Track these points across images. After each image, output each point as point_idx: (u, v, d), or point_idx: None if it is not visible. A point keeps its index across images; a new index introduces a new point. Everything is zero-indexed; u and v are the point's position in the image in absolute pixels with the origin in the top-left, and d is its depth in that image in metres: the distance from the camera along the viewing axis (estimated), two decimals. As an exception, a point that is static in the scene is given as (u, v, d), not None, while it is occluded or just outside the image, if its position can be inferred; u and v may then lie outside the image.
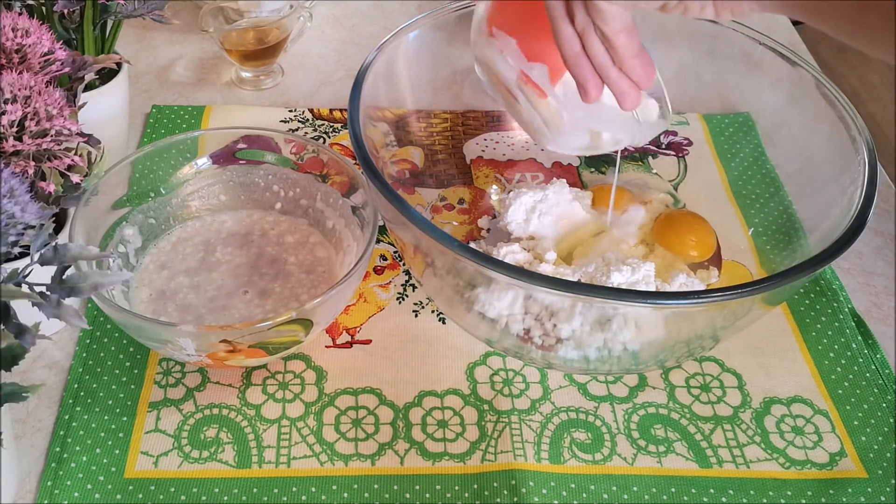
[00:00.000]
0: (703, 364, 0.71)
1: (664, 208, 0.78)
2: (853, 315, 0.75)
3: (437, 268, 0.65)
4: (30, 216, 0.53)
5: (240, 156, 0.76)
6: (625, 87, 0.56)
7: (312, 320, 0.63)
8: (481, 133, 0.85)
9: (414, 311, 0.74)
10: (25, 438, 0.64)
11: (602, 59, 0.55)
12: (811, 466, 0.65)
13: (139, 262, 0.72)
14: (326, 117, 0.92)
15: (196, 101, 0.95)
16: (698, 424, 0.67)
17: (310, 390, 0.68)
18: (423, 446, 0.65)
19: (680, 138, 0.86)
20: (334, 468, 0.63)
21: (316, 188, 0.75)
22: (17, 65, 0.64)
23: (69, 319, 0.51)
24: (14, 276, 0.51)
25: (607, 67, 0.55)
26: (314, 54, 1.03)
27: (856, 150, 0.64)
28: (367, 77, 0.69)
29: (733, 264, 0.74)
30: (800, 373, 0.71)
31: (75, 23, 0.77)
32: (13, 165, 0.59)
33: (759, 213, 0.78)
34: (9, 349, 0.51)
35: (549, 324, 0.63)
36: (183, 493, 0.61)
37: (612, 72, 0.56)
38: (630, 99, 0.57)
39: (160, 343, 0.63)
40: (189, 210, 0.75)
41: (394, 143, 0.78)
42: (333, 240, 0.74)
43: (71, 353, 0.70)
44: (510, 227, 0.74)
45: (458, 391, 0.68)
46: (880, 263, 0.81)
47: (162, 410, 0.66)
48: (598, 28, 0.53)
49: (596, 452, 0.65)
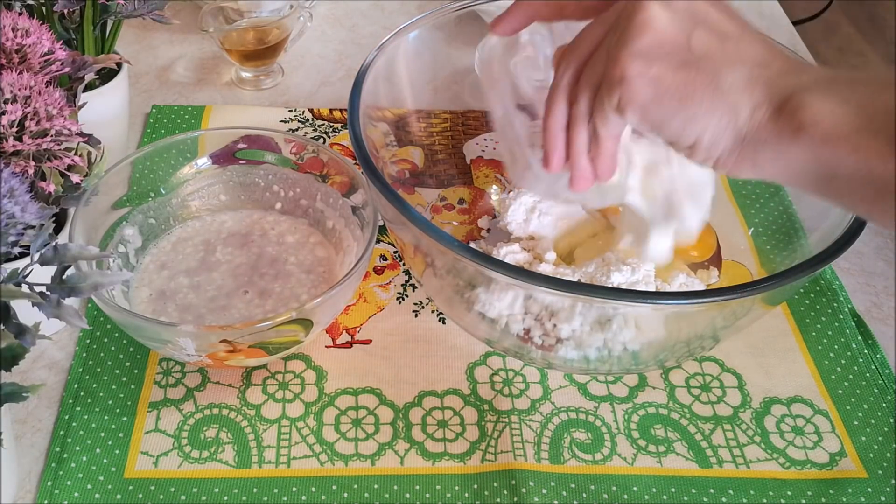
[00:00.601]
0: (703, 364, 0.71)
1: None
2: (853, 315, 0.75)
3: (437, 268, 0.65)
4: (30, 216, 0.53)
5: (240, 156, 0.76)
6: (586, 174, 0.54)
7: (312, 320, 0.63)
8: (481, 133, 0.85)
9: (414, 311, 0.74)
10: (25, 438, 0.64)
11: (580, 147, 0.53)
12: (811, 466, 0.65)
13: (139, 262, 0.72)
14: (326, 117, 0.92)
15: (196, 101, 0.95)
16: (698, 424, 0.67)
17: (310, 390, 0.68)
18: (423, 446, 0.65)
19: (680, 138, 0.86)
20: (334, 468, 0.63)
21: (316, 188, 0.75)
22: (17, 65, 0.64)
23: (69, 319, 0.51)
24: (14, 276, 0.51)
25: (580, 154, 0.53)
26: (314, 54, 1.03)
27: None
28: (367, 77, 0.69)
29: (733, 264, 0.74)
30: (800, 373, 0.71)
31: (75, 23, 0.77)
32: (13, 165, 0.59)
33: (759, 213, 0.78)
34: (9, 349, 0.51)
35: (549, 324, 0.63)
36: (183, 493, 0.61)
37: (581, 159, 0.54)
38: (584, 185, 0.55)
39: (160, 343, 0.63)
40: (189, 210, 0.75)
41: (394, 143, 0.78)
42: (333, 240, 0.74)
43: (71, 353, 0.70)
44: (510, 227, 0.74)
45: (458, 391, 0.68)
46: (880, 263, 0.81)
47: (162, 410, 0.66)
48: (595, 125, 0.52)
49: (596, 452, 0.65)
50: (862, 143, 0.44)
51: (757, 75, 0.47)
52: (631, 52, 0.48)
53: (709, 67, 0.47)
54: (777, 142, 0.47)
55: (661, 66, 0.48)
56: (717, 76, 0.47)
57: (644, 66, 0.48)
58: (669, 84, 0.48)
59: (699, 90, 0.47)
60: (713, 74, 0.47)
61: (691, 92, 0.47)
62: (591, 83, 0.51)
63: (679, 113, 0.48)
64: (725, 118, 0.47)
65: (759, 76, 0.47)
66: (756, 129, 0.47)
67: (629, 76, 0.48)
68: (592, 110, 0.51)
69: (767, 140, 0.47)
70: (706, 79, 0.47)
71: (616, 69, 0.48)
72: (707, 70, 0.47)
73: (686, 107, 0.48)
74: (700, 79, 0.47)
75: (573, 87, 0.52)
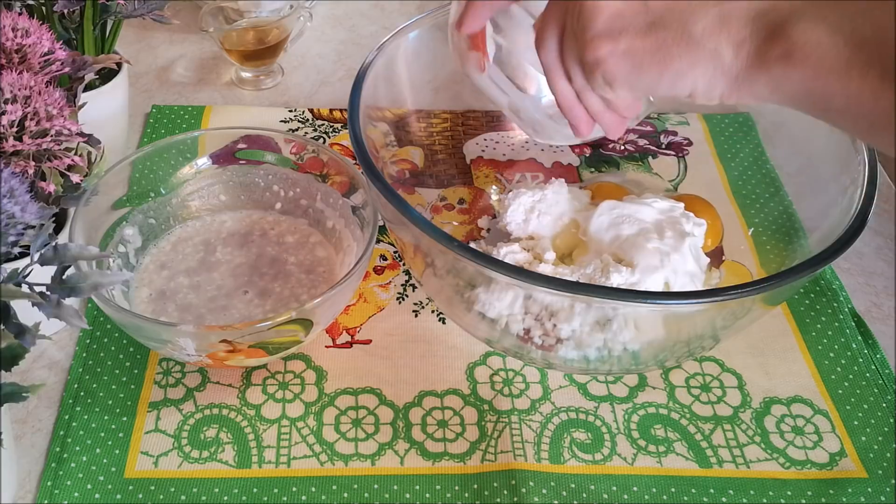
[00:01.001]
0: (703, 364, 0.71)
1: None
2: (853, 315, 0.75)
3: (437, 268, 0.65)
4: (30, 216, 0.53)
5: (240, 156, 0.76)
6: (615, 123, 0.56)
7: (312, 320, 0.63)
8: (481, 133, 0.85)
9: (414, 311, 0.74)
10: (25, 438, 0.64)
11: (598, 108, 0.54)
12: (811, 466, 0.65)
13: (139, 262, 0.72)
14: (326, 117, 0.92)
15: (196, 101, 0.95)
16: (698, 424, 0.67)
17: (310, 390, 0.68)
18: (423, 446, 0.65)
19: (680, 138, 0.86)
20: (334, 468, 0.63)
21: (316, 188, 0.75)
22: (17, 65, 0.64)
23: (69, 319, 0.51)
24: (14, 276, 0.51)
25: (602, 114, 0.54)
26: (314, 54, 1.03)
27: (856, 150, 0.64)
28: (367, 77, 0.69)
29: (733, 264, 0.74)
30: (800, 373, 0.71)
31: (75, 23, 0.77)
32: (13, 165, 0.59)
33: (759, 213, 0.78)
34: (9, 349, 0.51)
35: (549, 324, 0.63)
36: (183, 493, 0.61)
37: (605, 116, 0.55)
38: (618, 130, 0.57)
39: (160, 343, 0.63)
40: (189, 210, 0.75)
41: (394, 143, 0.78)
42: (333, 240, 0.74)
43: (71, 353, 0.70)
44: (509, 227, 0.74)
45: (458, 391, 0.68)
46: (880, 263, 0.81)
47: (162, 410, 0.66)
48: (599, 95, 0.52)
49: (596, 452, 0.65)
50: (854, 77, 0.43)
51: (727, 11, 0.46)
52: (594, 34, 0.48)
53: (674, 21, 0.46)
54: (769, 75, 0.45)
55: (628, 37, 0.47)
56: (686, 27, 0.46)
57: (611, 44, 0.48)
58: (642, 51, 0.47)
59: (673, 47, 0.47)
60: (681, 27, 0.46)
61: (666, 52, 0.47)
62: (575, 61, 0.51)
63: (664, 74, 0.47)
64: (710, 65, 0.46)
65: (729, 12, 0.46)
66: (746, 67, 0.46)
67: (601, 56, 0.48)
68: (589, 83, 0.51)
69: (759, 74, 0.46)
70: (676, 34, 0.46)
71: (588, 53, 0.49)
72: (673, 25, 0.46)
73: (668, 67, 0.47)
74: (670, 35, 0.46)
75: (562, 64, 0.52)
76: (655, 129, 0.87)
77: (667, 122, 0.87)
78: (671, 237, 0.68)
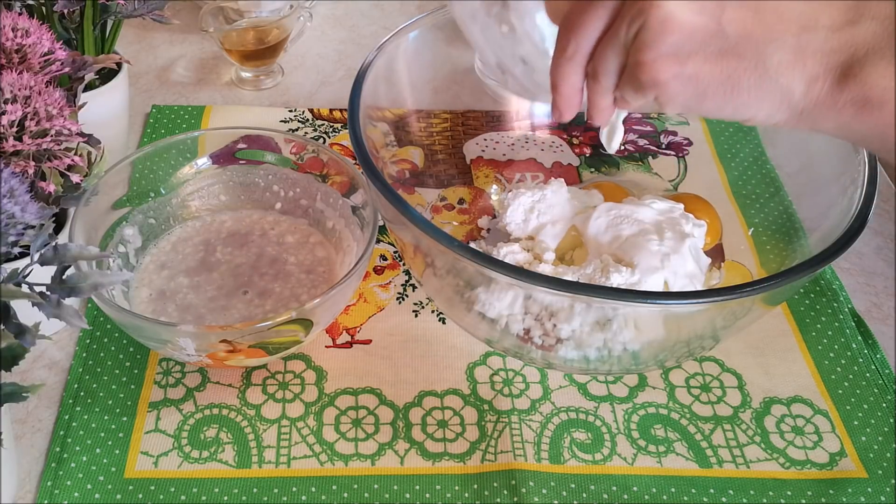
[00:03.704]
0: (703, 364, 0.71)
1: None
2: (853, 315, 0.75)
3: (437, 268, 0.65)
4: (30, 216, 0.53)
5: (240, 156, 0.76)
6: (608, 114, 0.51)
7: (312, 320, 0.63)
8: (481, 133, 0.85)
9: (414, 311, 0.74)
10: (25, 438, 0.64)
11: (604, 105, 0.49)
12: (811, 466, 0.65)
13: (139, 262, 0.72)
14: (326, 117, 0.92)
15: (196, 101, 0.95)
16: (698, 424, 0.67)
17: (310, 390, 0.68)
18: (423, 446, 0.65)
19: (680, 138, 0.86)
20: (334, 468, 0.63)
21: (316, 188, 0.75)
22: (17, 65, 0.64)
23: (69, 319, 0.51)
24: (14, 276, 0.51)
25: (605, 110, 0.49)
26: (314, 54, 1.03)
27: (856, 150, 0.64)
28: (367, 77, 0.69)
29: (733, 264, 0.74)
30: (800, 373, 0.71)
31: (75, 23, 0.77)
32: (13, 165, 0.59)
33: (759, 213, 0.78)
34: (9, 349, 0.51)
35: (549, 324, 0.63)
36: (183, 493, 0.61)
37: (605, 113, 0.49)
38: (604, 118, 0.51)
39: (160, 343, 0.63)
40: (189, 210, 0.75)
41: (394, 143, 0.78)
42: (333, 240, 0.74)
43: (71, 353, 0.70)
44: (509, 227, 0.74)
45: (458, 391, 0.68)
46: (880, 263, 0.81)
47: (162, 410, 0.66)
48: (623, 100, 0.47)
49: (596, 452, 0.65)
50: None
51: (805, 44, 0.43)
52: (658, 54, 0.43)
53: (750, 49, 0.43)
54: (838, 118, 0.43)
55: (697, 61, 0.43)
56: (761, 57, 0.43)
57: (677, 66, 0.43)
58: (709, 79, 0.43)
59: (744, 77, 0.43)
60: (756, 56, 0.43)
61: (736, 82, 0.43)
62: (614, 69, 0.46)
63: (728, 104, 0.44)
64: (778, 98, 0.44)
65: (807, 45, 0.43)
66: (815, 104, 0.43)
67: (663, 80, 0.44)
68: (620, 91, 0.47)
69: (828, 114, 0.43)
70: (750, 63, 0.43)
71: (645, 75, 0.44)
72: (748, 53, 0.43)
73: (734, 97, 0.44)
74: (742, 66, 0.43)
75: (588, 62, 0.47)
76: (655, 129, 0.87)
77: (667, 122, 0.87)
78: (671, 238, 0.68)
